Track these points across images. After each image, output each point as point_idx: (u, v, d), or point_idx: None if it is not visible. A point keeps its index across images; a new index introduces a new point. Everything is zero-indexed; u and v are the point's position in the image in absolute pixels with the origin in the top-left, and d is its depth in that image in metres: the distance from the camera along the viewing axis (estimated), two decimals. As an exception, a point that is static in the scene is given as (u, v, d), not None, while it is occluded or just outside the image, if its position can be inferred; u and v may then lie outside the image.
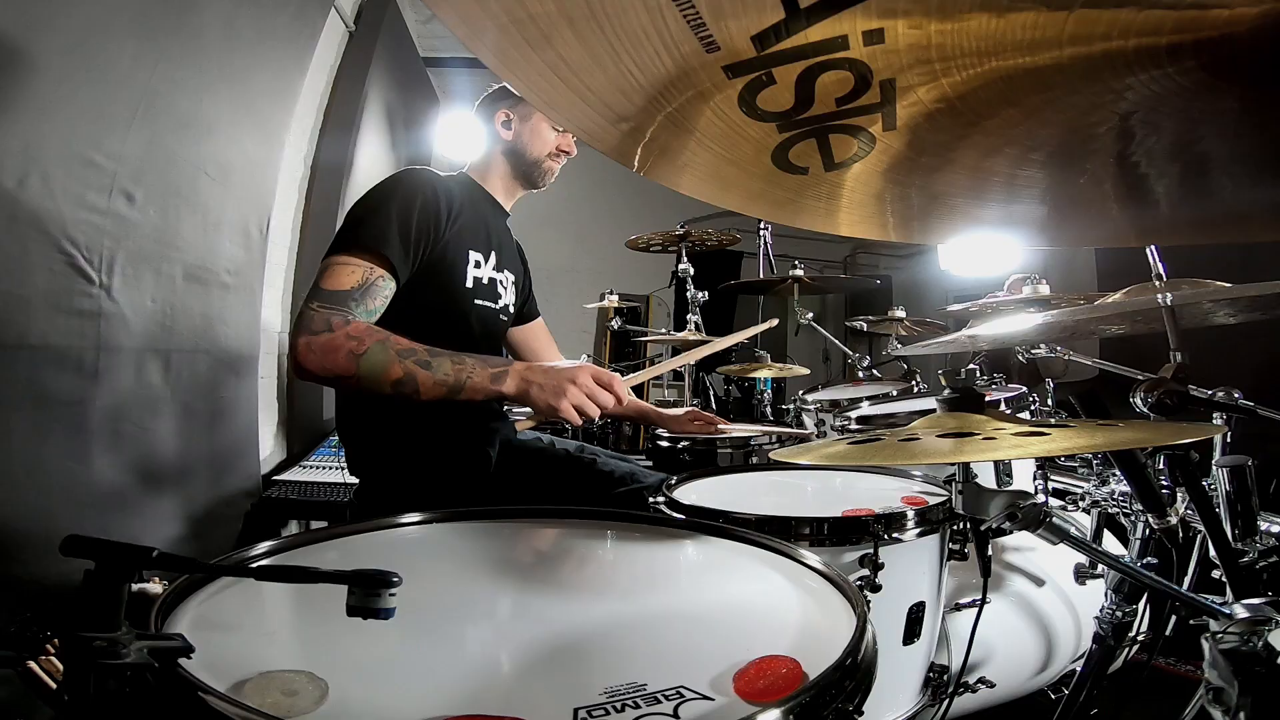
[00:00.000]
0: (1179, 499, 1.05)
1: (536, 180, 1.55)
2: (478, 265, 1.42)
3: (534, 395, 1.14)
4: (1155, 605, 1.19)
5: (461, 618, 0.68)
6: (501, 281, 1.50)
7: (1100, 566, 1.24)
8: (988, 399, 0.93)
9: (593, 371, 1.15)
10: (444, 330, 1.35)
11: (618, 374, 1.19)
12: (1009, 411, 1.53)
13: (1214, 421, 1.03)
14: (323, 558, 0.81)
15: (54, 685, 0.57)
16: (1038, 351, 1.69)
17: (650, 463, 1.89)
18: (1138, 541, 1.17)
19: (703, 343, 1.77)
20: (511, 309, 1.56)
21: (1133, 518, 1.18)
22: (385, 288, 1.22)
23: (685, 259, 3.07)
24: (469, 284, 1.39)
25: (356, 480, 1.47)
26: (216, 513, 1.86)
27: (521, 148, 1.51)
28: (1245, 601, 0.68)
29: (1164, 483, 1.05)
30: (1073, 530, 0.82)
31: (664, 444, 1.99)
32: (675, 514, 1.03)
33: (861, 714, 0.51)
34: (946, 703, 1.09)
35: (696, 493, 1.21)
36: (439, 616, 0.67)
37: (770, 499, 1.25)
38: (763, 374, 2.57)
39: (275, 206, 2.12)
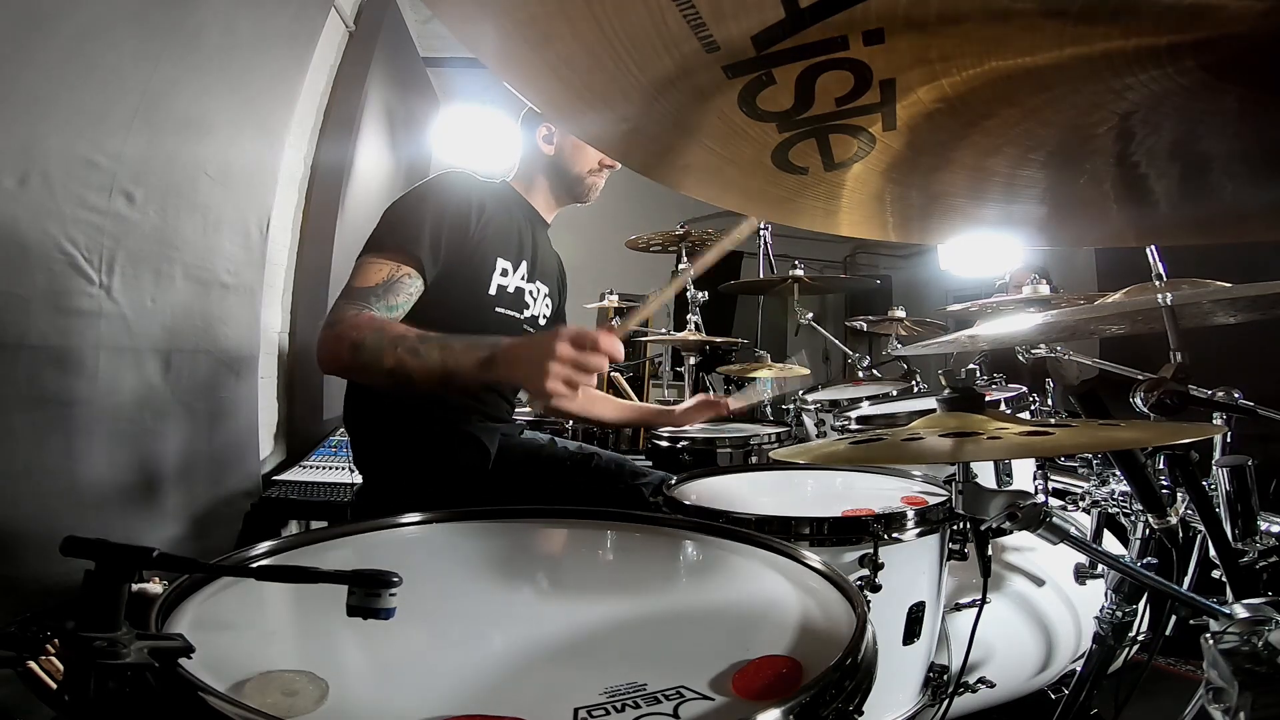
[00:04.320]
0: (1179, 499, 1.05)
1: (580, 195, 1.55)
2: (504, 273, 1.41)
3: (521, 377, 1.05)
4: (1155, 605, 1.19)
5: (462, 617, 0.68)
6: (531, 292, 1.49)
7: (1100, 566, 1.24)
8: (988, 399, 0.93)
9: (573, 335, 0.99)
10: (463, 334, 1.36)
11: (610, 330, 1.02)
12: (1009, 411, 1.53)
13: (1214, 421, 1.03)
14: (323, 557, 0.81)
15: (54, 685, 0.57)
16: (1038, 352, 1.69)
17: (650, 462, 1.88)
18: (1138, 541, 1.17)
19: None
20: (542, 320, 1.54)
21: (1133, 518, 1.18)
22: (410, 285, 1.25)
23: (685, 259, 3.07)
24: (492, 290, 1.39)
25: (359, 479, 1.47)
26: (216, 513, 1.86)
27: (563, 163, 1.50)
28: (1245, 601, 0.68)
29: (1164, 483, 1.05)
30: (1073, 530, 0.82)
31: (664, 444, 1.99)
32: (675, 514, 1.03)
33: (861, 714, 0.51)
34: (946, 703, 1.09)
35: (697, 492, 1.21)
36: (439, 616, 0.67)
37: (770, 499, 1.25)
38: (763, 374, 2.56)
39: (275, 206, 2.12)
